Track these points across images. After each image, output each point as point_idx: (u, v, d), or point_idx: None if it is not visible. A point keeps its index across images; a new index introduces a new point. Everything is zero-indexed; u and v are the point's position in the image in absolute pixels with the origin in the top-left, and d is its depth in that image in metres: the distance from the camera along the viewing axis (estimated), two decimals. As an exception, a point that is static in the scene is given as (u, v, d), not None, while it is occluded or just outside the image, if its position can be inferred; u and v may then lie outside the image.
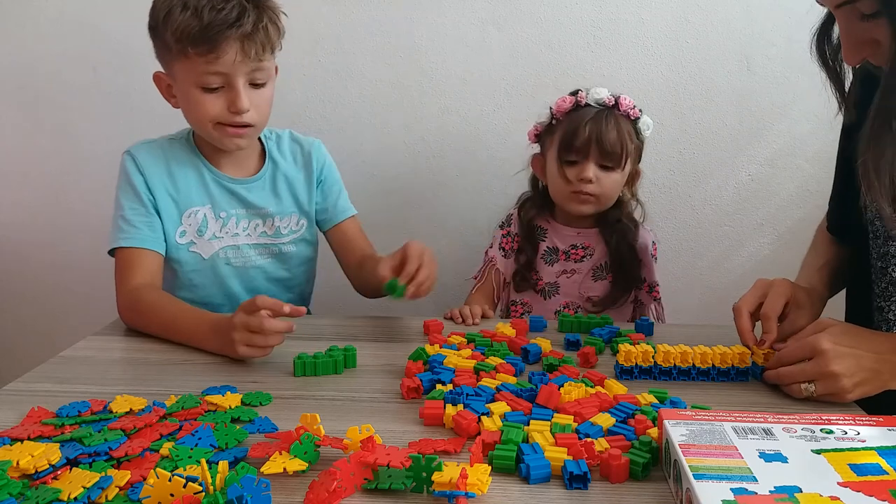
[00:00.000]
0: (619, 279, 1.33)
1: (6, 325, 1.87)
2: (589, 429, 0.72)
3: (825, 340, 0.81)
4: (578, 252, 1.34)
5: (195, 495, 0.58)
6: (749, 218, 1.69)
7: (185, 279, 1.21)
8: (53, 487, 0.61)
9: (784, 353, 0.86)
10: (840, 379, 0.80)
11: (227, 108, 1.11)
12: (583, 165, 1.25)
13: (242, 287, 1.24)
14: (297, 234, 1.27)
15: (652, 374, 0.90)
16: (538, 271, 1.35)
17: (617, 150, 1.23)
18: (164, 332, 1.04)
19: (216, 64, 1.07)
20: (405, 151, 1.69)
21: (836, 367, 0.80)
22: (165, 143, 1.22)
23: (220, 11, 1.05)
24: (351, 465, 0.63)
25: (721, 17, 1.59)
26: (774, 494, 0.55)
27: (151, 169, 1.17)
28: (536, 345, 0.97)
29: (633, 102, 1.28)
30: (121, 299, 1.11)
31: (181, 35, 1.05)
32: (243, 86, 1.10)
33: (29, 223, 1.79)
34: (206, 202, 1.20)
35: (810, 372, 0.82)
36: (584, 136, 1.23)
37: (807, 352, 0.83)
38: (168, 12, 1.06)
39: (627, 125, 1.26)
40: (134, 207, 1.16)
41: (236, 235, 1.22)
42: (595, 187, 1.25)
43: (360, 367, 0.94)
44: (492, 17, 1.61)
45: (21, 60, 1.69)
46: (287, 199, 1.26)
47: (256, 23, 1.07)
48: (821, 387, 0.81)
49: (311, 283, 1.38)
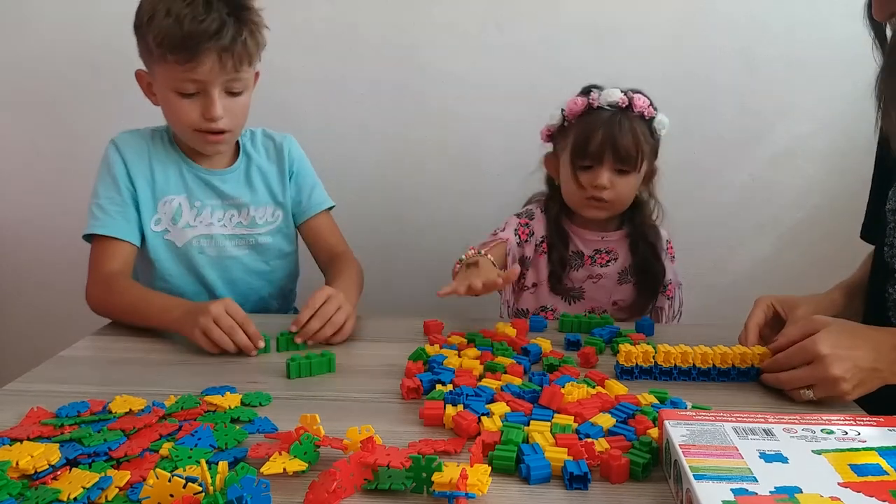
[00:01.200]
0: (646, 285, 1.29)
1: (5, 324, 1.87)
2: (589, 429, 0.72)
3: (823, 344, 0.81)
4: (603, 257, 1.30)
5: (195, 496, 0.57)
6: (750, 218, 1.69)
7: (160, 269, 1.23)
8: (53, 488, 0.61)
9: (782, 358, 0.86)
10: (839, 383, 0.79)
11: (201, 114, 1.14)
12: (597, 171, 1.21)
13: (219, 278, 1.26)
14: (273, 225, 1.29)
15: (652, 375, 0.90)
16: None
17: (632, 153, 1.19)
18: (134, 313, 1.08)
19: (193, 72, 1.10)
20: (405, 151, 1.69)
21: (835, 371, 0.79)
22: (148, 134, 1.26)
23: (201, 22, 1.07)
24: (351, 466, 0.63)
25: (722, 16, 1.58)
26: (775, 495, 0.54)
27: (134, 157, 1.21)
28: (537, 345, 0.97)
29: (647, 101, 1.22)
30: (91, 285, 1.15)
31: (162, 40, 1.08)
32: (218, 94, 1.13)
33: (29, 223, 1.80)
34: (182, 192, 1.23)
35: (809, 377, 0.81)
36: (598, 141, 1.18)
37: (805, 356, 0.82)
38: (152, 16, 1.08)
39: (642, 126, 1.22)
40: (110, 196, 1.19)
41: (210, 225, 1.24)
42: (610, 193, 1.21)
43: (360, 368, 0.94)
44: (492, 17, 1.61)
45: (21, 60, 1.69)
46: (261, 190, 1.29)
47: (235, 36, 1.10)
48: (820, 390, 0.81)
49: (294, 280, 1.39)
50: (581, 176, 1.22)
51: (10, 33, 1.68)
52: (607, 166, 1.20)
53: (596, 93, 1.22)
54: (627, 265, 1.31)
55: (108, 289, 1.12)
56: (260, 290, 1.30)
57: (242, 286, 1.28)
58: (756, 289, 1.66)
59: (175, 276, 1.24)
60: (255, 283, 1.29)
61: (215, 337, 0.96)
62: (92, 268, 1.16)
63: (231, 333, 0.97)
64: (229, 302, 1.00)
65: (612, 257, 1.31)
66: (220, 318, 0.97)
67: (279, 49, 1.63)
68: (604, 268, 1.31)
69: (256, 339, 0.98)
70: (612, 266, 1.31)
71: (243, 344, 0.97)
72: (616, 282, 1.31)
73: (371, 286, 1.75)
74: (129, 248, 1.18)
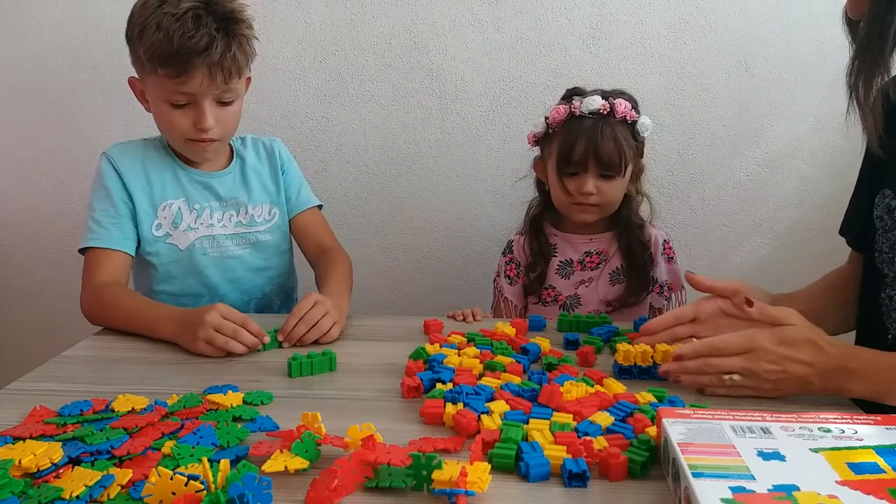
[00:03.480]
0: (632, 280, 1.30)
1: (8, 324, 1.87)
2: (588, 427, 0.73)
3: (764, 339, 0.82)
4: (594, 259, 1.32)
5: (197, 494, 0.58)
6: (747, 218, 1.70)
7: (163, 272, 1.24)
8: (55, 486, 0.62)
9: (718, 341, 0.84)
10: (760, 377, 0.81)
11: (193, 124, 1.15)
12: (582, 178, 1.23)
13: (222, 277, 1.26)
14: (271, 222, 1.31)
15: (650, 374, 0.90)
16: (555, 287, 1.33)
17: (616, 160, 1.21)
18: (126, 322, 1.08)
19: (184, 86, 1.11)
20: (405, 151, 1.70)
21: (764, 366, 0.81)
22: (140, 144, 1.26)
23: (191, 38, 1.07)
24: (352, 464, 0.63)
25: (719, 17, 1.59)
26: (773, 493, 0.55)
27: (128, 169, 1.21)
28: (536, 344, 0.98)
29: (629, 105, 1.23)
30: (84, 296, 1.15)
31: (152, 55, 1.09)
32: (209, 105, 1.14)
33: (30, 223, 1.80)
34: (181, 195, 1.24)
35: (738, 365, 0.82)
36: (581, 150, 1.20)
37: (745, 344, 0.82)
38: (143, 29, 1.09)
39: (624, 131, 1.23)
40: (104, 209, 1.19)
41: (211, 226, 1.25)
42: (597, 198, 1.24)
43: (361, 367, 0.95)
44: (492, 17, 1.61)
45: (21, 60, 1.69)
46: (257, 189, 1.30)
47: (224, 52, 1.10)
48: (742, 380, 0.82)
49: (293, 276, 1.40)
50: (567, 183, 1.25)
51: (10, 33, 1.68)
52: (592, 173, 1.23)
53: (577, 100, 1.23)
54: (619, 264, 1.32)
55: (98, 301, 1.13)
56: (262, 287, 1.31)
57: (245, 284, 1.29)
58: (754, 288, 1.67)
59: (178, 279, 1.24)
60: (256, 280, 1.30)
61: (220, 344, 0.97)
62: (84, 279, 1.16)
63: (235, 336, 0.97)
64: (221, 306, 1.00)
65: (603, 258, 1.32)
66: (220, 325, 0.97)
67: (279, 49, 1.64)
68: (594, 270, 1.32)
69: (261, 335, 0.99)
70: (602, 267, 1.32)
71: (250, 343, 0.98)
72: (608, 282, 1.32)
73: (371, 286, 1.76)
74: (122, 257, 1.18)
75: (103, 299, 1.12)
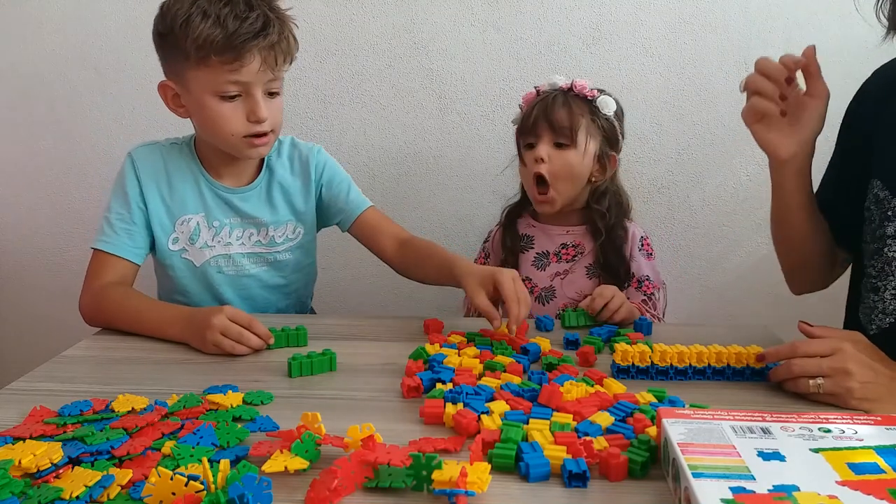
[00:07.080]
0: (608, 275, 1.30)
1: (8, 324, 1.87)
2: (588, 427, 0.73)
3: (848, 343, 0.81)
4: (570, 251, 1.33)
5: (197, 494, 0.58)
6: (747, 218, 1.69)
7: (178, 284, 1.22)
8: (55, 486, 0.62)
9: (802, 345, 0.84)
10: (852, 377, 0.79)
11: (245, 117, 1.10)
12: (537, 148, 1.27)
13: (236, 294, 1.24)
14: (294, 241, 1.26)
15: (649, 374, 0.90)
16: (531, 279, 1.34)
17: (566, 125, 1.24)
18: (133, 323, 1.07)
19: (238, 73, 1.06)
20: (405, 151, 1.70)
21: (851, 365, 0.79)
22: (166, 147, 1.22)
23: (245, 21, 1.04)
24: (352, 464, 0.63)
25: (719, 18, 1.59)
26: (773, 493, 0.55)
27: (149, 174, 1.18)
28: (536, 344, 0.98)
29: (588, 85, 1.29)
30: (84, 295, 1.14)
31: (203, 43, 1.03)
32: (261, 95, 1.10)
33: (30, 223, 1.80)
34: (200, 210, 1.20)
35: (826, 367, 0.80)
36: (534, 116, 1.26)
37: (826, 349, 0.82)
38: (186, 20, 1.03)
39: (580, 104, 1.27)
40: (120, 213, 1.17)
41: (229, 244, 1.22)
42: (548, 166, 1.26)
43: (360, 367, 0.95)
44: (492, 17, 1.61)
45: (22, 61, 1.69)
46: (282, 208, 1.25)
47: (280, 34, 1.07)
48: (829, 383, 0.80)
49: (311, 286, 1.38)
50: (525, 155, 1.29)
51: (11, 33, 1.68)
52: (546, 139, 1.26)
53: (545, 82, 1.31)
54: (595, 258, 1.32)
55: (98, 301, 1.11)
56: (277, 302, 1.28)
57: (260, 302, 1.26)
58: (753, 288, 1.67)
59: (193, 293, 1.22)
60: (271, 297, 1.27)
61: (226, 348, 0.97)
62: (87, 278, 1.15)
63: (241, 340, 0.97)
64: (229, 308, 1.00)
65: (579, 251, 1.33)
66: (227, 329, 0.97)
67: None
68: (570, 263, 1.33)
69: (266, 337, 0.99)
70: (578, 260, 1.33)
71: (256, 345, 0.98)
72: (584, 276, 1.32)
73: (372, 286, 1.76)
74: (127, 265, 1.16)
75: (105, 300, 1.11)
